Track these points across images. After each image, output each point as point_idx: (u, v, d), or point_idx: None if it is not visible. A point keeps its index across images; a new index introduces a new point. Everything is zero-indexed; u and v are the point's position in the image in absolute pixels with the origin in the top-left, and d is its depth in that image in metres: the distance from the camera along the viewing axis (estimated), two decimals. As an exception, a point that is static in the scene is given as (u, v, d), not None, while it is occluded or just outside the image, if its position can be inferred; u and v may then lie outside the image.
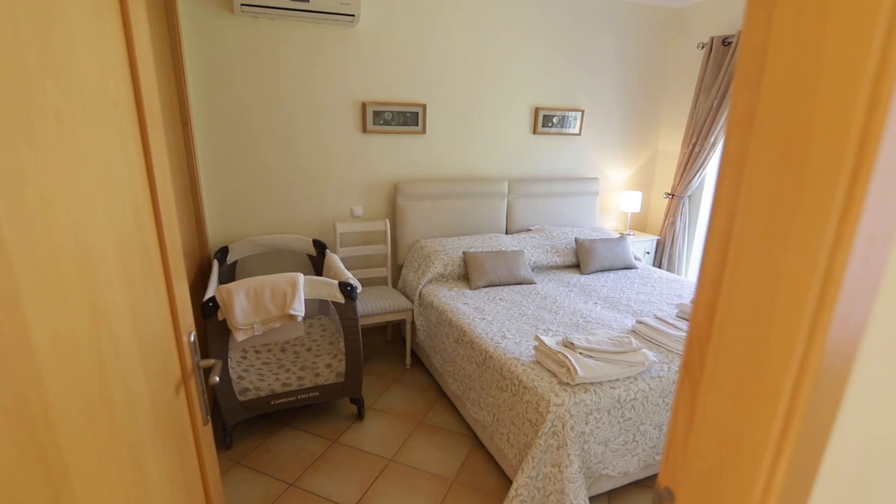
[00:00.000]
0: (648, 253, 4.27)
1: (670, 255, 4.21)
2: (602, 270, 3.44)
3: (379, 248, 3.32)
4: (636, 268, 3.53)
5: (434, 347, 2.76)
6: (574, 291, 2.99)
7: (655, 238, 4.28)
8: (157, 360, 0.90)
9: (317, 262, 3.19)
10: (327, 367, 2.52)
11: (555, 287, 3.06)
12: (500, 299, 2.78)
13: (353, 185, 3.30)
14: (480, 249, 3.23)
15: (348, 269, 3.31)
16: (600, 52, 3.92)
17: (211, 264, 2.92)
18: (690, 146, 3.96)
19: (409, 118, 3.30)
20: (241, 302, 2.07)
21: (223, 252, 2.91)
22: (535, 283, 3.11)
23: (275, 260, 3.21)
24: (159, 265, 0.98)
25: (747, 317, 0.60)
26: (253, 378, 2.40)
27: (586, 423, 1.74)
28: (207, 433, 1.19)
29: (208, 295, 2.13)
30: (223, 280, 2.92)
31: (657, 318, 2.38)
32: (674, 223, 4.18)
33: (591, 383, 1.79)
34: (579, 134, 4.01)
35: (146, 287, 0.88)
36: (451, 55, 3.35)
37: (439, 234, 3.49)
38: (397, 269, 3.56)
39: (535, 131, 3.82)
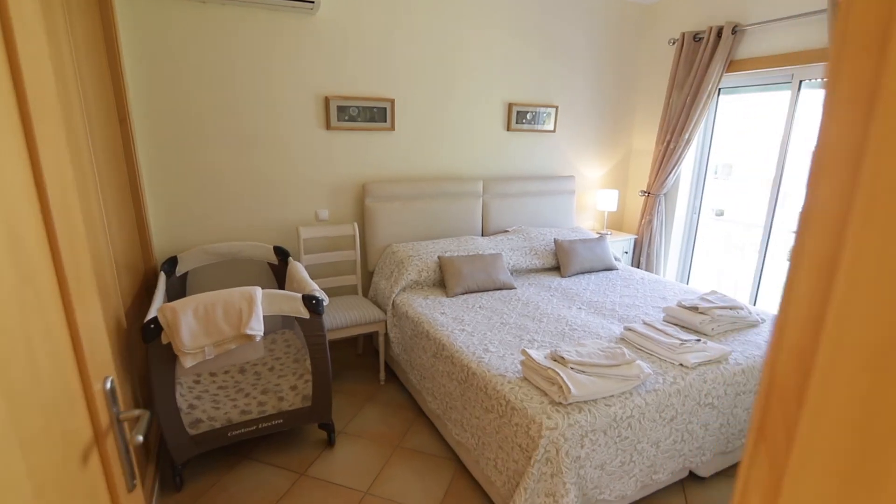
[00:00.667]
0: (626, 252, 4.18)
1: (648, 255, 4.14)
2: (583, 272, 3.31)
3: (347, 255, 3.09)
4: (617, 269, 3.42)
5: (410, 362, 2.56)
6: (556, 296, 2.84)
7: (633, 237, 4.20)
8: (47, 425, 0.67)
9: (279, 271, 2.93)
10: (292, 389, 2.28)
11: (536, 292, 2.90)
12: (480, 307, 2.60)
13: (318, 187, 3.06)
14: (456, 253, 3.04)
15: (314, 279, 3.07)
16: (573, 46, 3.80)
17: (157, 277, 2.63)
18: (665, 143, 3.89)
19: (376, 114, 3.09)
20: (188, 322, 1.82)
21: (171, 263, 2.63)
22: (515, 287, 2.95)
23: (231, 270, 2.93)
24: (54, 295, 0.74)
25: (868, 369, 0.42)
26: (207, 406, 2.13)
27: (581, 447, 1.57)
28: (135, 501, 0.95)
29: (150, 315, 1.86)
30: (173, 295, 2.63)
31: (646, 323, 2.25)
32: (650, 221, 4.11)
33: (585, 401, 1.63)
34: (554, 131, 3.89)
35: (28, 327, 0.65)
36: (420, 47, 3.15)
37: (412, 237, 3.29)
38: (368, 276, 3.34)
39: (508, 128, 3.67)
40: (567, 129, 3.99)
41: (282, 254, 2.87)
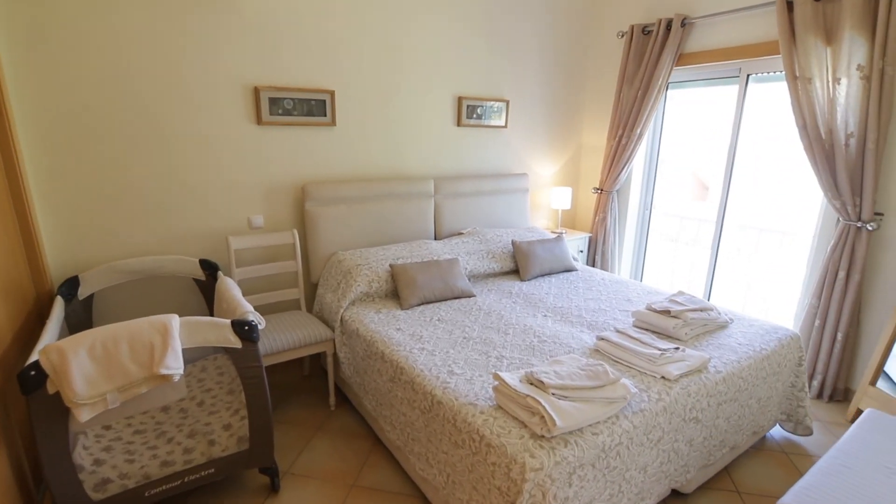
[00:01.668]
0: (582, 251, 4.09)
1: (603, 253, 4.08)
2: (543, 275, 3.15)
3: (287, 266, 2.74)
4: (576, 270, 3.29)
5: (364, 386, 2.27)
6: (519, 303, 2.65)
7: (587, 235, 4.12)
8: None
9: (207, 288, 2.55)
10: (226, 429, 1.94)
11: (497, 299, 2.70)
12: (439, 320, 2.36)
13: (250, 190, 2.69)
14: (409, 260, 2.79)
15: (249, 294, 2.70)
16: (521, 38, 3.64)
17: (52, 303, 2.18)
18: (617, 139, 3.83)
19: (314, 107, 2.76)
20: (82, 365, 1.45)
21: (71, 285, 2.19)
22: (474, 295, 2.73)
23: (149, 290, 2.52)
24: None
25: None
26: (118, 460, 1.75)
27: (570, 486, 1.38)
28: None
29: (32, 357, 1.47)
30: (74, 323, 2.20)
31: (619, 331, 2.10)
32: (604, 219, 4.04)
33: (570, 432, 1.44)
34: (505, 126, 3.71)
35: None
36: (362, 34, 2.85)
37: (360, 243, 2.99)
38: (311, 288, 3.00)
39: (459, 123, 3.45)
40: (518, 124, 3.83)
41: (209, 268, 2.49)
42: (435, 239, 3.38)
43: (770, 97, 3.36)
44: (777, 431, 2.47)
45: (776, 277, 3.77)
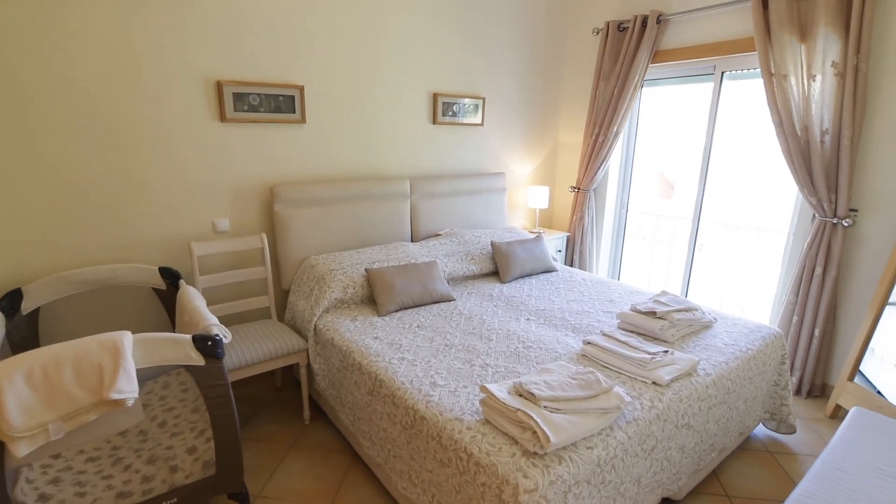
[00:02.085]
0: (560, 251, 4.05)
1: (581, 252, 4.04)
2: (523, 276, 3.08)
3: (256, 272, 2.58)
4: (556, 270, 3.23)
5: (340, 399, 2.14)
6: (500, 306, 2.56)
7: (565, 235, 4.07)
8: None
9: (170, 298, 2.37)
10: (190, 453, 1.79)
11: (478, 303, 2.61)
12: (419, 326, 2.25)
13: (214, 192, 2.52)
14: (386, 264, 2.66)
15: (215, 304, 2.53)
16: (497, 35, 3.56)
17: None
18: (593, 136, 3.79)
19: (282, 103, 2.60)
20: (18, 392, 1.28)
21: (13, 298, 1.99)
22: (454, 299, 2.63)
23: (103, 302, 2.32)
24: None
25: None
26: (67, 494, 1.58)
27: (565, 505, 1.29)
28: None
29: (-41, 386, 1.29)
30: (17, 341, 2.00)
31: (605, 335, 2.04)
32: (582, 218, 4.00)
33: (564, 447, 1.35)
34: (481, 124, 3.63)
35: None
36: (333, 26, 2.71)
37: (333, 247, 2.85)
38: (283, 296, 2.85)
39: (434, 121, 3.34)
40: (495, 122, 3.75)
41: (170, 276, 2.31)
42: (412, 241, 3.26)
43: (744, 95, 3.37)
44: (760, 430, 2.46)
45: (752, 274, 3.80)
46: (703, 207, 3.46)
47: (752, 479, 2.11)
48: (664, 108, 3.89)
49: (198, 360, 1.55)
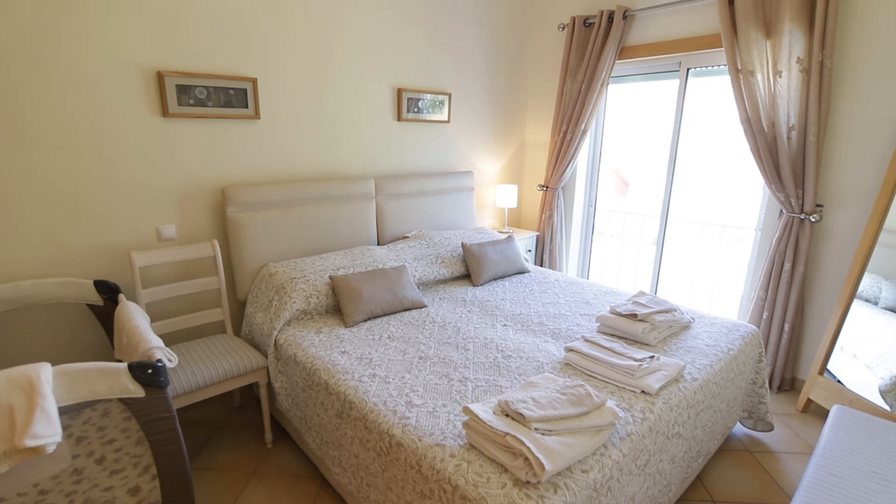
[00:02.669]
0: (530, 251, 3.97)
1: (551, 252, 3.97)
2: (495, 279, 2.96)
3: (207, 282, 2.35)
4: (529, 271, 3.14)
5: (305, 421, 1.96)
6: (475, 312, 2.43)
7: (534, 234, 3.99)
8: None
9: (108, 314, 2.11)
10: (132, 494, 1.56)
11: (451, 308, 2.47)
12: (390, 337, 2.09)
13: (157, 195, 2.27)
14: (352, 270, 2.48)
15: (161, 319, 2.28)
16: (462, 28, 3.43)
17: None
18: (561, 134, 3.72)
19: (234, 97, 2.38)
20: None
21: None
22: (425, 305, 2.49)
23: (28, 323, 2.04)
24: None
25: None
26: (-27, 556, 1.33)
27: (562, 537, 1.17)
28: None
29: None
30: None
31: (587, 341, 1.94)
32: (551, 217, 3.94)
33: (559, 473, 1.23)
34: (448, 121, 3.49)
35: None
36: (288, 15, 2.50)
37: (293, 253, 2.64)
38: (239, 307, 2.61)
39: (399, 118, 3.17)
40: (461, 119, 3.62)
41: (108, 290, 2.06)
42: (378, 244, 3.09)
43: (709, 92, 3.38)
44: (737, 428, 2.44)
45: (719, 271, 3.84)
46: (670, 205, 3.45)
47: (734, 482, 2.07)
48: (628, 105, 3.88)
49: (136, 391, 1.34)
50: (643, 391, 1.63)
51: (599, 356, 1.77)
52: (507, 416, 1.33)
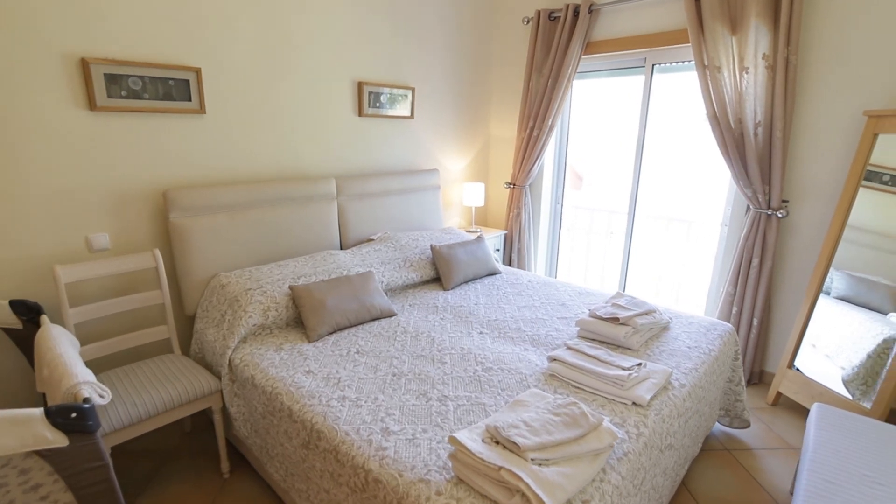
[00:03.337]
0: (498, 250, 3.87)
1: (519, 250, 3.89)
2: (467, 282, 2.84)
3: (149, 297, 2.09)
4: (500, 272, 3.03)
5: (267, 450, 1.76)
6: (448, 319, 2.29)
7: (502, 233, 3.89)
8: None
9: (26, 339, 1.83)
10: (56, 555, 1.32)
11: (423, 316, 2.32)
12: (358, 352, 1.92)
13: (85, 200, 1.99)
14: (314, 278, 2.29)
15: (97, 342, 2.01)
16: (425, 20, 3.27)
17: None
18: (528, 130, 3.64)
19: (174, 89, 2.12)
20: None
21: None
22: (395, 314, 2.32)
23: (-76, 352, 1.73)
24: None
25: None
26: None
27: (565, 580, 1.05)
28: None
29: None
30: None
31: (570, 348, 1.84)
32: (519, 215, 3.85)
33: (558, 504, 1.11)
34: (411, 116, 3.33)
35: None
36: (234, -2, 2.27)
37: (248, 261, 2.41)
38: (187, 323, 2.36)
39: (361, 113, 2.98)
40: (425, 114, 3.46)
41: (27, 311, 1.78)
42: (341, 248, 2.89)
43: (673, 88, 3.38)
44: (714, 426, 2.43)
45: (685, 266, 3.87)
46: (637, 201, 3.43)
47: (717, 483, 2.03)
48: (593, 101, 3.83)
49: (57, 440, 1.11)
50: (634, 403, 1.54)
51: (585, 366, 1.68)
52: (498, 443, 1.20)
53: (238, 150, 2.43)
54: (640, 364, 1.67)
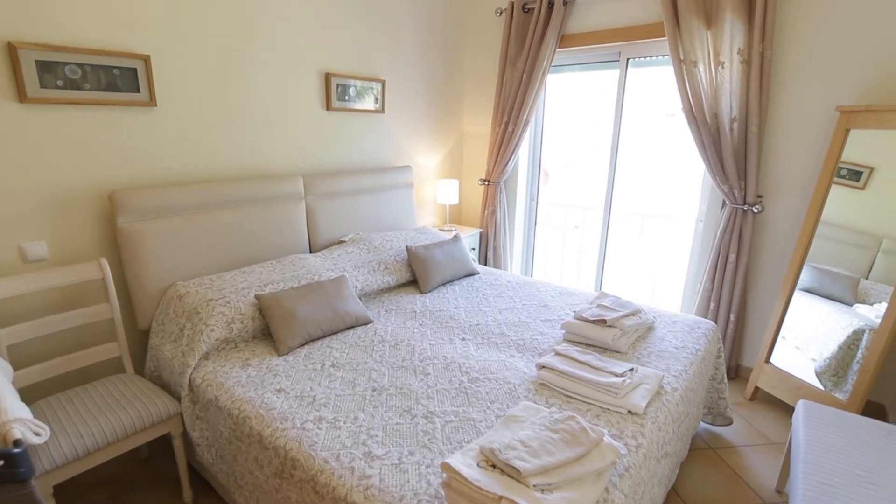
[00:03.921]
0: (474, 249, 3.77)
1: (495, 249, 3.80)
2: (444, 284, 2.73)
3: (96, 312, 1.88)
4: (478, 273, 2.93)
5: (235, 478, 1.60)
6: (427, 325, 2.18)
7: (477, 231, 3.80)
8: None
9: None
10: None
11: (400, 322, 2.20)
12: (334, 365, 1.78)
13: (16, 205, 1.77)
14: (282, 285, 2.13)
15: (36, 364, 1.79)
16: (396, 10, 3.13)
17: None
18: (503, 125, 3.55)
19: (119, 78, 1.91)
20: None
21: None
22: (371, 321, 2.19)
23: None
24: None
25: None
26: None
27: None
28: None
29: None
30: None
31: (558, 354, 1.76)
32: (494, 212, 3.76)
33: (563, 534, 1.02)
34: (382, 111, 3.18)
35: None
36: (186, -20, 2.06)
37: (208, 268, 2.22)
38: (140, 338, 2.15)
39: (328, 106, 2.82)
40: (397, 109, 3.32)
41: (-51, 333, 1.56)
42: (311, 252, 2.73)
43: (646, 83, 3.36)
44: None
45: (660, 263, 3.87)
46: (613, 196, 3.40)
47: (704, 484, 2.01)
48: (567, 96, 3.78)
49: (-21, 494, 0.94)
50: (630, 411, 1.47)
51: (576, 373, 1.60)
52: (495, 467, 1.10)
53: (195, 147, 2.23)
54: (632, 369, 1.61)
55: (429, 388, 1.62)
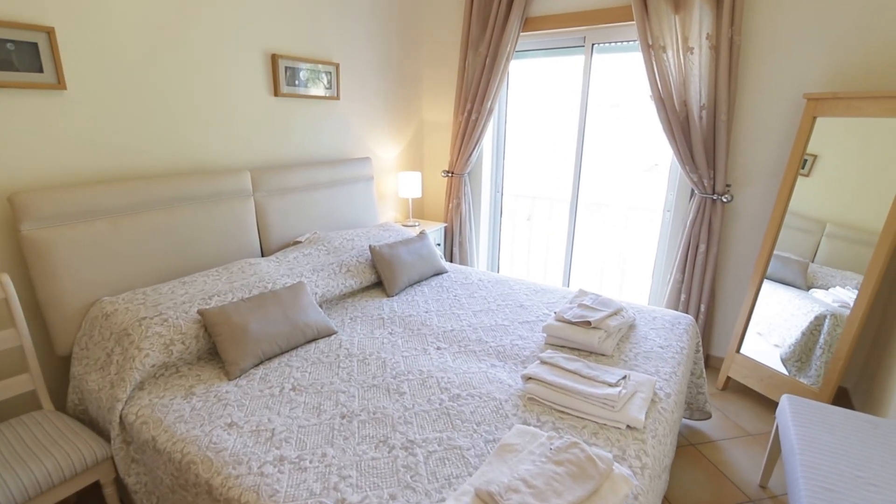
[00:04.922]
0: (439, 244, 3.59)
1: (461, 244, 3.64)
2: (412, 285, 2.54)
3: (0, 338, 1.57)
4: (447, 271, 2.76)
5: (179, 533, 1.36)
6: (398, 333, 1.99)
7: (442, 225, 3.62)
8: None
9: None
10: None
11: (368, 332, 1.99)
12: (294, 388, 1.56)
13: None
14: (231, 296, 1.87)
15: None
16: (350, -16, 2.87)
17: None
18: (466, 113, 3.37)
19: (15, 55, 1.58)
20: None
21: None
22: (335, 331, 1.97)
23: None
24: None
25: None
26: None
27: None
28: None
29: None
30: None
31: (545, 363, 1.63)
32: (459, 205, 3.60)
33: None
34: (337, 97, 2.92)
35: None
36: (97, -61, 1.73)
37: (141, 280, 1.92)
38: (60, 367, 1.83)
39: (276, 92, 2.54)
40: (353, 95, 3.07)
41: None
42: (263, 255, 2.46)
43: (613, 70, 3.26)
44: (675, 420, 2.37)
45: (627, 254, 3.84)
46: (580, 187, 3.31)
47: (691, 484, 1.95)
48: (534, 82, 3.64)
49: None
50: (629, 426, 1.35)
51: (567, 384, 1.46)
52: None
53: (116, 138, 1.91)
54: (625, 377, 1.49)
55: (406, 411, 1.44)
